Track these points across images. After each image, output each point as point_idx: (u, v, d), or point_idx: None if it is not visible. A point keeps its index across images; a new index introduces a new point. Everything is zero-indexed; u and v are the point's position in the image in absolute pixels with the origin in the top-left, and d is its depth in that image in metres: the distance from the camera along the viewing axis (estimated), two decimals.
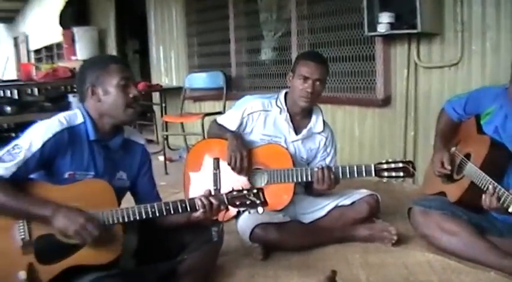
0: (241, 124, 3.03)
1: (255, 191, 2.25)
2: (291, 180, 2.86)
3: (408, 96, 4.13)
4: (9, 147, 2.06)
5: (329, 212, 3.00)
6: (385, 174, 2.74)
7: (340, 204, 3.01)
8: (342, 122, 4.70)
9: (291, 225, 2.87)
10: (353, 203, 3.00)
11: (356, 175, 2.78)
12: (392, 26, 3.84)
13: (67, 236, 2.03)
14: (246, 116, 3.03)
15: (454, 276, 2.46)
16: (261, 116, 3.03)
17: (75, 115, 2.20)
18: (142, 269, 2.26)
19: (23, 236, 2.00)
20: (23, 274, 1.09)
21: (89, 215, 2.00)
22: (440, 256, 2.66)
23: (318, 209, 3.02)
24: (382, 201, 3.08)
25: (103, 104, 2.18)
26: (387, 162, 2.75)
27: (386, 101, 4.31)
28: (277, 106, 3.04)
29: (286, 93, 3.08)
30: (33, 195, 2.04)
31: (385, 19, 3.84)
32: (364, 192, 3.06)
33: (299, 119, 3.06)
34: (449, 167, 2.72)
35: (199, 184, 2.98)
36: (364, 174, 2.77)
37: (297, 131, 3.04)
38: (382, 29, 3.88)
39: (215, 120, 3.18)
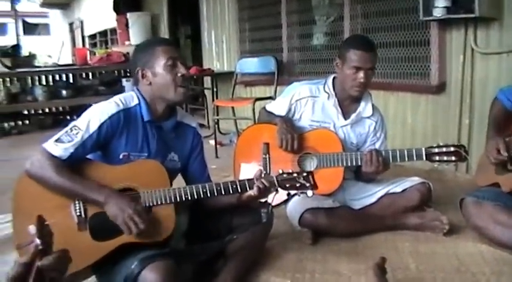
0: (289, 110, 3.03)
1: (304, 174, 2.26)
2: (340, 164, 2.84)
3: (464, 83, 4.03)
4: (67, 128, 2.13)
5: (379, 199, 2.97)
6: (436, 158, 2.70)
7: (391, 191, 2.97)
8: (394, 108, 4.63)
9: (341, 211, 2.86)
10: (404, 190, 2.96)
11: (406, 159, 2.74)
12: (448, 10, 3.75)
13: None
14: (294, 103, 3.02)
15: (506, 268, 2.41)
16: (309, 102, 3.02)
17: (131, 97, 2.26)
18: (193, 248, 2.30)
19: (78, 214, 2.07)
20: (32, 229, 1.10)
21: (138, 207, 2.04)
22: (493, 247, 2.61)
23: (368, 195, 3.00)
24: (434, 190, 3.03)
25: (153, 86, 2.23)
26: (438, 146, 2.70)
27: (440, 88, 4.21)
28: (325, 92, 3.02)
29: (334, 78, 3.05)
30: (89, 177, 2.10)
31: (441, 3, 3.75)
32: (415, 180, 3.01)
33: (348, 104, 3.03)
34: (505, 153, 2.62)
35: (249, 169, 3.00)
36: (414, 158, 2.73)
37: (345, 116, 3.02)
38: (437, 13, 3.80)
39: (264, 108, 3.19)
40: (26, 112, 8.52)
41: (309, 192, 2.24)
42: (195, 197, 2.15)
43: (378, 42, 4.57)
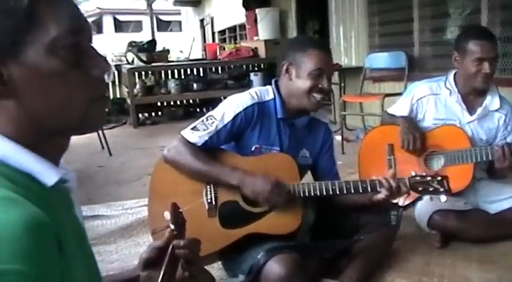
0: (411, 111, 2.94)
1: (439, 178, 2.17)
2: (469, 160, 2.71)
3: None
4: (203, 118, 2.22)
5: None
6: None
7: None
8: None
9: (474, 214, 2.72)
10: None
11: None
12: None
13: (251, 203, 2.14)
14: (416, 102, 2.93)
15: None
16: (431, 100, 2.91)
17: (266, 91, 2.30)
18: (319, 244, 2.31)
19: (209, 201, 2.16)
20: (167, 215, 1.13)
21: (274, 180, 2.08)
22: None
23: (505, 198, 2.80)
24: None
25: (292, 84, 2.24)
26: None
27: None
28: (447, 88, 2.89)
29: (455, 74, 2.91)
30: (222, 163, 2.17)
31: None
32: None
33: (472, 98, 2.88)
34: None
35: (375, 170, 2.93)
36: None
37: (471, 112, 2.86)
38: None
39: (386, 111, 3.14)
40: (159, 104, 8.98)
41: (443, 197, 2.15)
42: (324, 193, 2.15)
43: None
